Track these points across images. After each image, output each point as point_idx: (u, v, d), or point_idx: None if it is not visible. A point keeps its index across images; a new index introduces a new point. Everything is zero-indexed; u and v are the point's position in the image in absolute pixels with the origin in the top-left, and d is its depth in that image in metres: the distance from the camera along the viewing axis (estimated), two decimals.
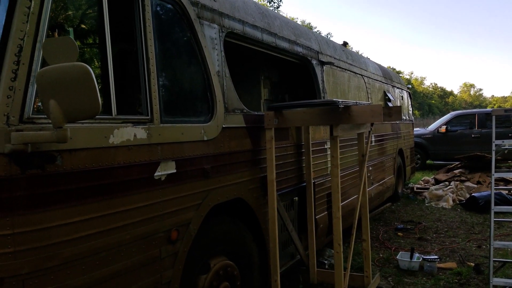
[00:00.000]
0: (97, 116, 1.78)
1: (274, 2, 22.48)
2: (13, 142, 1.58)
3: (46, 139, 1.62)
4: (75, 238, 1.79)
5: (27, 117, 1.67)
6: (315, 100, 3.78)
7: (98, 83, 1.64)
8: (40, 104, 1.72)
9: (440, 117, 18.74)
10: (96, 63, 2.63)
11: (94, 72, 1.63)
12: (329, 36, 41.51)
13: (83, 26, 2.39)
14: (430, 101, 72.10)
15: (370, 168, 5.77)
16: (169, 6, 2.45)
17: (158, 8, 2.37)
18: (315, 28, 42.17)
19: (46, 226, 1.69)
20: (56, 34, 2.21)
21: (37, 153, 1.67)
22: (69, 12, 2.24)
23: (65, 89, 1.58)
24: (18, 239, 1.61)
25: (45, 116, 1.67)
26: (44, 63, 1.69)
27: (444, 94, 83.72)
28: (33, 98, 1.70)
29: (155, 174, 2.19)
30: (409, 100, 9.18)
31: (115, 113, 2.01)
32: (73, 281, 1.78)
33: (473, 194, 7.35)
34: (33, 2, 1.71)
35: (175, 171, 2.32)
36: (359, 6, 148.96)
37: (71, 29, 2.20)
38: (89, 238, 1.85)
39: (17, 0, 1.68)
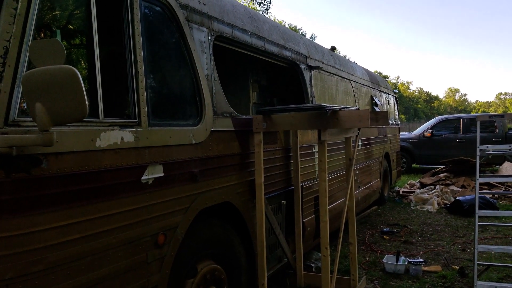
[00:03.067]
0: (83, 119, 1.76)
1: (264, 5, 22.55)
2: None
3: (31, 142, 1.59)
4: (60, 242, 1.76)
5: (12, 120, 1.65)
6: (304, 105, 3.80)
7: (85, 85, 1.63)
8: (25, 106, 1.70)
9: (425, 122, 19.02)
10: (84, 64, 2.60)
11: (81, 74, 1.61)
12: (313, 38, 41.70)
13: (70, 27, 2.36)
14: (416, 106, 73.08)
15: (357, 172, 5.82)
16: (158, 9, 2.44)
17: (146, 11, 2.35)
18: (300, 29, 42.34)
19: (31, 230, 1.66)
20: (45, 34, 2.17)
21: (22, 157, 1.64)
22: (57, 12, 2.21)
23: (51, 92, 1.56)
24: (2, 244, 1.58)
25: (31, 119, 1.64)
26: (30, 65, 1.67)
27: (430, 99, 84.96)
28: (19, 101, 1.67)
29: (143, 177, 2.18)
30: (396, 105, 9.30)
31: (102, 116, 1.99)
32: (58, 286, 1.75)
33: (457, 198, 7.46)
34: (20, 3, 1.68)
35: (162, 174, 2.30)
36: (346, 11, 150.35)
37: (58, 31, 2.18)
38: (75, 242, 1.82)
39: (3, 1, 1.66)
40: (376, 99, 7.20)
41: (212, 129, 2.74)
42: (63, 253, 1.77)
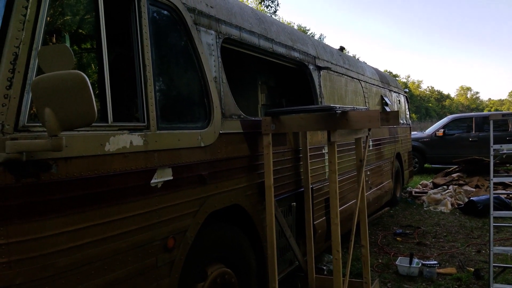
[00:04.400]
0: (93, 124, 1.77)
1: (271, 7, 22.55)
2: (8, 150, 1.57)
3: (41, 147, 1.60)
4: (70, 247, 1.77)
5: (22, 125, 1.66)
6: (312, 106, 3.78)
7: (94, 89, 1.63)
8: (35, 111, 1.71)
9: (437, 121, 18.78)
10: (94, 68, 2.62)
11: (90, 79, 1.62)
12: (322, 38, 41.67)
13: (79, 32, 2.38)
14: (427, 105, 72.36)
15: (368, 173, 5.76)
16: (166, 12, 2.45)
17: (154, 15, 2.36)
18: (308, 30, 42.38)
19: (41, 235, 1.67)
20: (54, 39, 2.19)
21: (32, 162, 1.65)
22: (65, 18, 2.23)
23: (60, 97, 1.57)
24: (13, 249, 1.59)
25: (41, 124, 1.65)
26: (39, 71, 1.68)
27: (441, 98, 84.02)
28: (29, 106, 1.69)
29: (152, 181, 2.18)
30: (406, 104, 9.20)
31: (111, 120, 2.00)
32: None
33: (471, 198, 7.34)
34: (29, 9, 1.70)
35: (171, 178, 2.30)
36: (355, 11, 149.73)
37: (67, 36, 2.20)
38: (85, 247, 1.83)
39: (13, 7, 1.67)
40: (386, 99, 7.13)
41: (220, 132, 2.73)
42: (73, 258, 1.78)
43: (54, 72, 1.58)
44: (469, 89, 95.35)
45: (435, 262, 4.44)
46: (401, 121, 8.21)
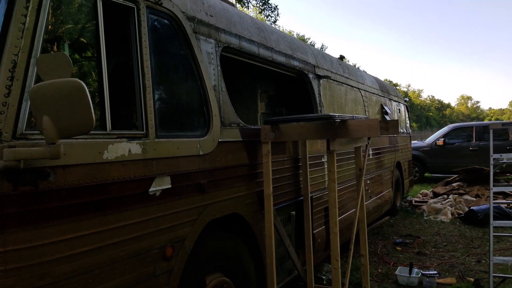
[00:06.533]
0: (91, 132, 1.77)
1: (272, 17, 22.70)
2: (5, 158, 1.56)
3: (39, 155, 1.60)
4: (68, 255, 1.76)
5: (20, 133, 1.66)
6: (312, 115, 3.78)
7: (93, 97, 1.63)
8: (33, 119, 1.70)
9: (437, 130, 18.80)
10: (94, 76, 2.63)
11: (89, 87, 1.62)
12: (323, 48, 41.88)
13: (78, 40, 2.39)
14: (427, 114, 72.47)
15: (368, 182, 5.75)
16: (165, 21, 2.46)
17: (154, 23, 2.37)
18: (308, 39, 42.54)
19: (38, 243, 1.66)
20: (53, 47, 2.20)
21: (29, 170, 1.65)
22: (64, 26, 2.24)
23: (58, 105, 1.57)
24: (10, 257, 1.58)
25: (39, 132, 1.65)
26: (38, 79, 1.68)
27: (442, 107, 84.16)
28: (27, 114, 1.69)
29: (150, 189, 2.17)
30: (406, 113, 9.21)
31: (110, 128, 2.00)
32: None
33: (471, 208, 7.31)
34: (28, 18, 1.71)
35: (170, 186, 2.30)
36: (356, 20, 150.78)
37: (66, 44, 2.21)
38: (82, 255, 1.81)
39: (12, 15, 1.68)
40: (386, 108, 7.14)
41: (219, 140, 2.73)
42: (71, 266, 1.77)
43: (53, 80, 1.58)
44: (469, 98, 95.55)
45: (435, 272, 4.41)
46: (401, 130, 8.22)
